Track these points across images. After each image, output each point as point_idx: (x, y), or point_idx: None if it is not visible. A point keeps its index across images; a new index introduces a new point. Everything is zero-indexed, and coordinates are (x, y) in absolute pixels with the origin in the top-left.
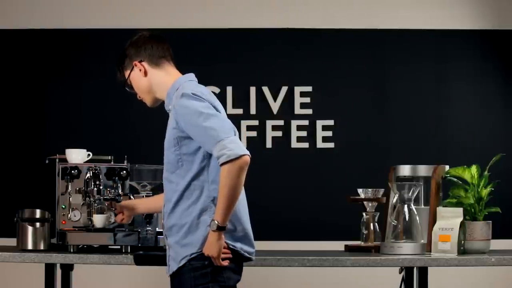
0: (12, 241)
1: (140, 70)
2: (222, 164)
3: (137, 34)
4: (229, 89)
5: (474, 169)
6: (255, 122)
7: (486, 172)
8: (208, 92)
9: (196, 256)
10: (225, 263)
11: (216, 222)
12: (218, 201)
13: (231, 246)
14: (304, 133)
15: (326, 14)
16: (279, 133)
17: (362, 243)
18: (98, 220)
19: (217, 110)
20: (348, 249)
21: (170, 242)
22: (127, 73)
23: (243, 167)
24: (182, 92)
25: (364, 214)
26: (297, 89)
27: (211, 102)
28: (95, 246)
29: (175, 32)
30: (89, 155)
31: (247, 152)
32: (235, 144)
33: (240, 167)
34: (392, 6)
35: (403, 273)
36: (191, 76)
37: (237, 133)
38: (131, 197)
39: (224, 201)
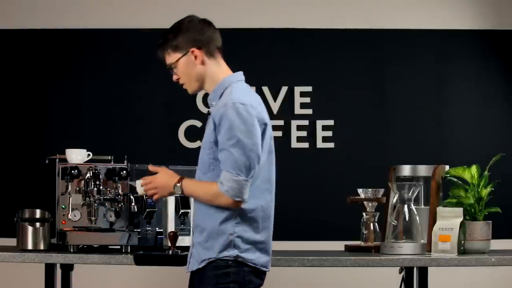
0: (12, 241)
1: (196, 58)
2: (218, 189)
3: (190, 17)
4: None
5: (474, 169)
6: None
7: (486, 172)
8: (257, 101)
9: (215, 260)
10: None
11: (181, 189)
12: (199, 185)
13: (251, 264)
14: (304, 133)
15: (326, 14)
16: (279, 133)
17: (362, 243)
18: (140, 186)
19: (263, 122)
20: (348, 249)
21: (195, 241)
22: (176, 55)
23: (226, 206)
24: (230, 102)
25: (364, 214)
26: (297, 89)
27: (258, 114)
28: (95, 246)
29: None
30: (89, 155)
31: (244, 199)
32: (239, 187)
33: (224, 204)
34: (392, 6)
35: (403, 273)
36: (241, 75)
37: (258, 160)
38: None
39: (200, 193)
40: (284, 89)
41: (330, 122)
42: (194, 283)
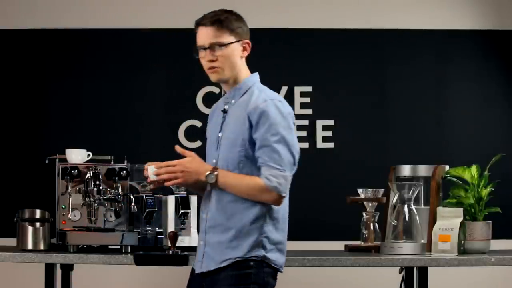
0: (12, 241)
1: (245, 50)
2: (264, 184)
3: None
4: None
5: (474, 169)
6: None
7: (486, 172)
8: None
9: (237, 261)
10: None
11: (215, 179)
12: (240, 178)
13: (273, 265)
14: (304, 133)
15: (326, 14)
16: None
17: (362, 243)
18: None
19: (294, 120)
20: (348, 249)
21: (211, 240)
22: (230, 38)
23: (269, 201)
24: (268, 99)
25: (364, 214)
26: (297, 89)
27: (291, 111)
28: (95, 246)
29: (176, 32)
30: (89, 155)
31: (286, 195)
32: (286, 183)
33: (268, 200)
34: (392, 6)
35: (403, 273)
36: (258, 76)
37: (298, 157)
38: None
39: (240, 186)
40: (284, 89)
41: (330, 122)
42: (205, 283)
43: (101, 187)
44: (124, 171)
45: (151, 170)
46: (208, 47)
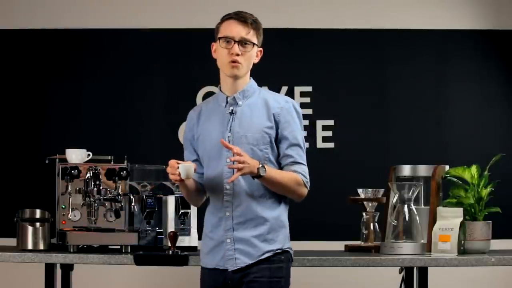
0: (12, 241)
1: (257, 57)
2: (301, 179)
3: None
4: None
5: (474, 169)
6: None
7: (486, 172)
8: None
9: (275, 253)
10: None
11: (265, 172)
12: (281, 172)
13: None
14: (304, 133)
15: (326, 14)
16: None
17: (362, 243)
18: (183, 168)
19: None
20: (348, 249)
21: (242, 236)
22: (256, 40)
23: (302, 196)
24: (290, 100)
25: (364, 214)
26: (297, 89)
27: None
28: (95, 246)
29: (176, 32)
30: (89, 155)
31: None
32: (308, 176)
33: (303, 194)
34: (392, 6)
35: (403, 273)
36: None
37: None
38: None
39: (283, 182)
40: (284, 89)
41: (330, 122)
42: (234, 279)
43: (101, 187)
44: (124, 171)
45: (183, 168)
46: (238, 41)
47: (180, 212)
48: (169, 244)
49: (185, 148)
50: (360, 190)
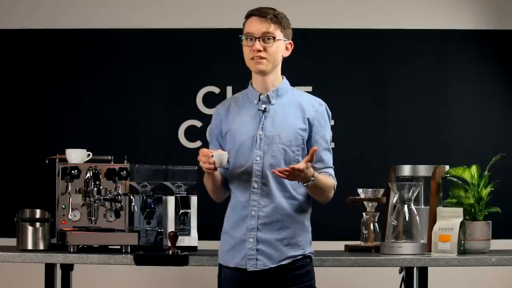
0: (12, 241)
1: (287, 50)
2: (334, 183)
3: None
4: (229, 89)
5: (474, 169)
6: None
7: (486, 172)
8: None
9: (301, 258)
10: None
11: (314, 181)
12: (323, 177)
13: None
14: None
15: (326, 14)
16: None
17: (362, 243)
18: (217, 157)
19: None
20: (348, 249)
21: (266, 238)
22: (280, 35)
23: (328, 199)
24: (323, 103)
25: (364, 214)
26: (297, 89)
27: None
28: (95, 246)
29: (175, 32)
30: (89, 155)
31: None
32: None
33: (330, 198)
34: (392, 6)
35: (403, 273)
36: None
37: None
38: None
39: (324, 187)
40: None
41: (330, 122)
42: (257, 280)
43: (101, 187)
44: (124, 171)
45: (217, 157)
46: (259, 37)
47: (180, 212)
48: (169, 244)
49: (210, 142)
50: (360, 190)
